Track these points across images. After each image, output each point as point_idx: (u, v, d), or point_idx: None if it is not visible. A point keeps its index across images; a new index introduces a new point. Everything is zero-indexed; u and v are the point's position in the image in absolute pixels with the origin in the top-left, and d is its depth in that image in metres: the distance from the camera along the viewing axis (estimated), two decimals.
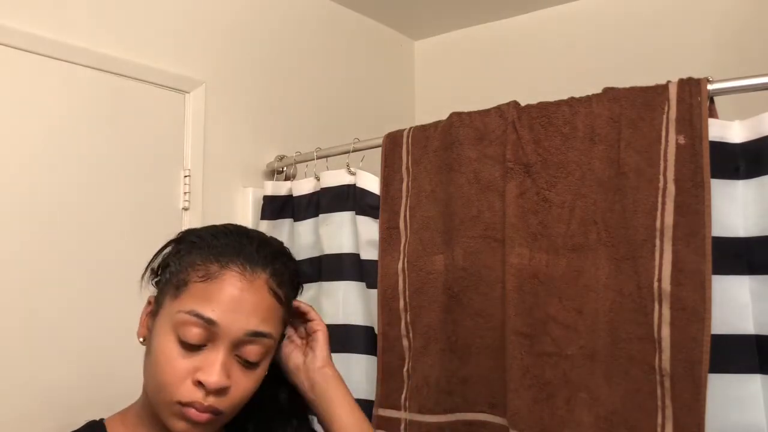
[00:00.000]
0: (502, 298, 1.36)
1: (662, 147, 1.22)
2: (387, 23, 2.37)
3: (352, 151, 1.67)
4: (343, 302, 1.61)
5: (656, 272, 1.19)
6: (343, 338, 1.59)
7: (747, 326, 1.15)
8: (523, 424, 1.29)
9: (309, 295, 1.69)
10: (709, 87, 1.20)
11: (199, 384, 0.84)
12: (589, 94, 1.32)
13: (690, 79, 1.22)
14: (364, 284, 1.59)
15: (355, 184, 1.62)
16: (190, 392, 0.84)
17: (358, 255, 1.60)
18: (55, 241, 1.39)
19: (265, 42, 1.93)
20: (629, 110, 1.26)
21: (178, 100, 1.66)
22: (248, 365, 0.88)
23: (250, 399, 0.92)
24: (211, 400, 0.85)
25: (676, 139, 1.20)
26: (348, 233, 1.63)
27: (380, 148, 1.60)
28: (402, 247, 1.51)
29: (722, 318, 1.15)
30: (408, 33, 2.46)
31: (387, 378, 1.50)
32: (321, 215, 1.67)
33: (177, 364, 0.85)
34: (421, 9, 2.26)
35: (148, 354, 0.90)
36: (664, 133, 1.22)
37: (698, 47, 1.90)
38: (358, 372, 1.57)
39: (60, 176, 1.41)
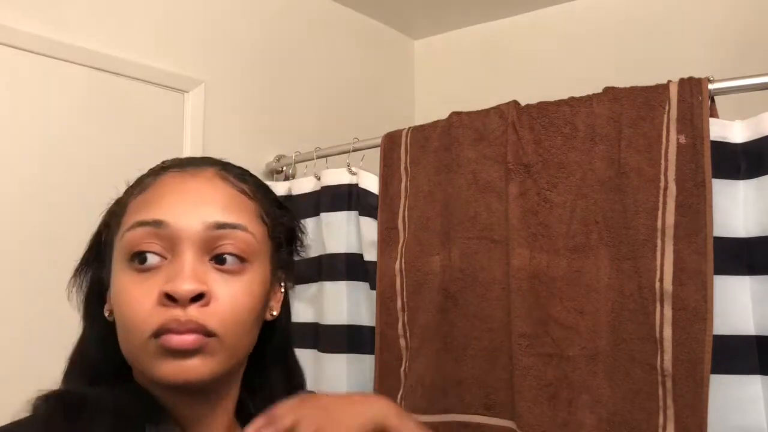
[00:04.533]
0: (499, 299, 1.36)
1: (663, 147, 1.22)
2: (386, 22, 2.37)
3: (352, 151, 1.67)
4: (346, 302, 1.60)
5: (657, 272, 1.19)
6: (345, 338, 1.59)
7: (747, 327, 1.15)
8: (526, 425, 1.29)
9: (309, 294, 1.69)
10: (710, 86, 1.19)
11: (168, 299, 0.64)
12: (590, 93, 1.32)
13: (691, 79, 1.21)
14: (367, 284, 1.59)
15: (357, 184, 1.62)
16: (160, 314, 0.64)
17: (361, 255, 1.60)
18: (55, 241, 1.38)
19: (264, 42, 1.92)
20: (630, 110, 1.26)
21: (177, 100, 1.66)
22: (228, 271, 0.67)
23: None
24: (192, 313, 0.64)
25: (677, 139, 1.20)
26: (349, 233, 1.63)
27: (379, 148, 1.60)
28: (400, 247, 1.51)
29: (723, 318, 1.15)
30: (408, 32, 2.46)
31: (384, 377, 1.50)
32: (322, 214, 1.67)
33: (137, 291, 0.65)
34: (420, 8, 2.26)
35: (116, 318, 0.70)
36: (664, 133, 1.22)
37: (698, 47, 1.90)
38: (361, 372, 1.57)
39: (60, 175, 1.41)
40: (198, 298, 0.64)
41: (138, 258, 0.66)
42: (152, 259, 0.66)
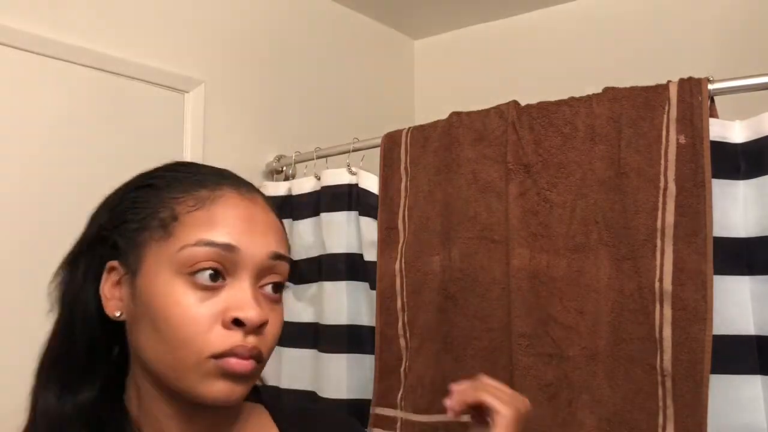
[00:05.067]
0: (499, 299, 1.36)
1: (663, 147, 1.22)
2: (387, 23, 2.37)
3: (352, 151, 1.67)
4: (346, 302, 1.60)
5: (657, 272, 1.19)
6: (346, 338, 1.59)
7: (747, 327, 1.15)
8: (525, 426, 1.29)
9: (309, 294, 1.69)
10: (710, 87, 1.19)
11: (235, 323, 0.66)
12: (590, 94, 1.32)
13: (690, 79, 1.21)
14: (367, 284, 1.59)
15: (357, 184, 1.62)
16: (225, 338, 0.66)
17: (361, 255, 1.60)
18: (55, 241, 1.38)
19: (264, 41, 1.92)
20: (630, 110, 1.26)
21: (177, 100, 1.66)
22: (273, 298, 0.71)
23: None
24: (252, 341, 0.67)
25: (677, 139, 1.20)
26: (349, 233, 1.63)
27: (379, 148, 1.60)
28: (400, 247, 1.51)
29: (722, 318, 1.15)
30: (408, 32, 2.46)
31: (384, 377, 1.50)
32: (322, 214, 1.67)
33: (198, 311, 0.66)
34: (420, 8, 2.26)
35: (141, 322, 0.69)
36: (664, 133, 1.22)
37: (698, 47, 1.90)
38: (361, 372, 1.57)
39: (60, 175, 1.41)
40: (262, 326, 0.68)
41: (200, 275, 0.67)
42: (216, 280, 0.67)
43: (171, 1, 1.68)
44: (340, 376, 1.58)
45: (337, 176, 1.65)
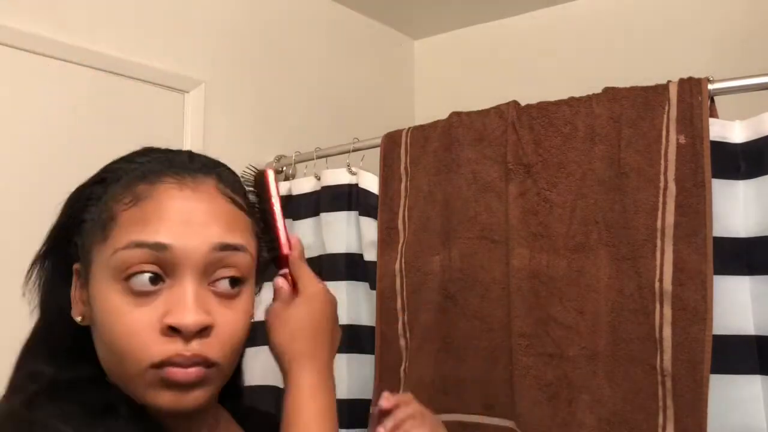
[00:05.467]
0: (499, 299, 1.36)
1: (663, 147, 1.22)
2: (386, 22, 2.37)
3: (352, 151, 1.67)
4: (346, 302, 1.60)
5: (657, 272, 1.19)
6: (347, 338, 1.59)
7: (747, 327, 1.15)
8: (525, 425, 1.29)
9: None
10: (710, 87, 1.20)
11: (172, 330, 0.61)
12: (589, 94, 1.32)
13: (690, 79, 1.21)
14: (367, 284, 1.59)
15: (357, 184, 1.62)
16: (164, 346, 0.61)
17: (361, 255, 1.60)
18: None
19: (264, 42, 1.92)
20: (629, 110, 1.26)
21: (177, 100, 1.66)
22: (228, 295, 0.65)
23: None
24: (195, 347, 0.61)
25: (677, 139, 1.20)
26: (349, 233, 1.63)
27: (379, 148, 1.60)
28: (400, 248, 1.51)
29: (722, 318, 1.15)
30: (408, 32, 2.46)
31: (384, 377, 1.50)
32: (322, 214, 1.67)
33: (134, 317, 0.61)
34: (420, 8, 2.26)
35: (95, 329, 0.66)
36: (664, 133, 1.22)
37: (698, 47, 1.90)
38: (361, 372, 1.57)
39: (59, 176, 1.41)
40: (203, 330, 0.62)
41: (134, 280, 0.62)
42: (151, 283, 0.62)
43: (171, 2, 1.68)
44: (340, 376, 1.57)
45: (337, 176, 1.65)
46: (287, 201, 1.77)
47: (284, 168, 1.86)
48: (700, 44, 1.90)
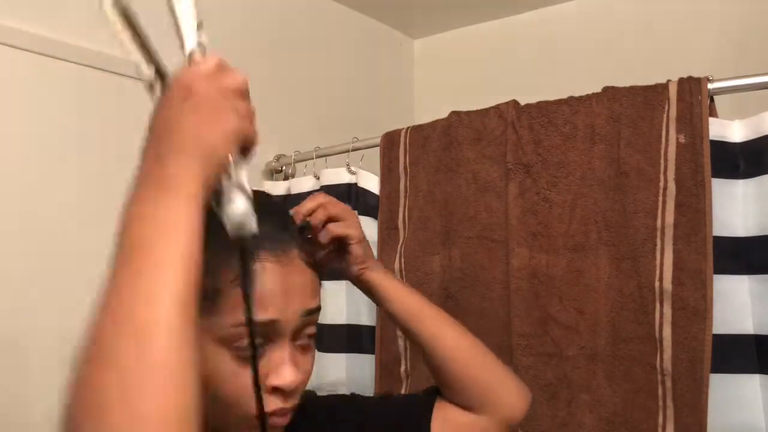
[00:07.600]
0: (499, 299, 1.36)
1: (662, 146, 1.22)
2: (386, 22, 2.37)
3: (351, 151, 1.67)
4: (346, 302, 1.60)
5: (657, 272, 1.19)
6: (347, 338, 1.59)
7: (746, 326, 1.15)
8: (525, 425, 1.29)
9: None
10: (709, 86, 1.19)
11: (275, 390, 0.74)
12: (589, 93, 1.32)
13: (690, 78, 1.21)
14: None
15: (356, 184, 1.62)
16: (267, 403, 0.72)
17: None
18: (55, 241, 1.38)
19: (263, 40, 1.92)
20: (629, 109, 1.26)
21: None
22: (307, 346, 0.78)
23: None
24: (292, 401, 0.76)
25: (677, 138, 1.20)
26: None
27: (379, 148, 1.60)
28: (400, 247, 1.51)
29: (721, 318, 1.15)
30: (407, 32, 2.46)
31: (384, 377, 1.50)
32: None
33: (242, 380, 0.71)
34: (420, 7, 2.26)
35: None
36: (664, 132, 1.22)
37: (698, 47, 1.90)
38: (361, 372, 1.57)
39: (60, 176, 1.41)
40: (298, 387, 0.75)
41: (243, 349, 0.71)
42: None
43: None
44: (340, 376, 1.58)
45: (336, 176, 1.65)
46: (287, 200, 1.77)
47: (284, 167, 1.86)
48: (700, 44, 1.90)
